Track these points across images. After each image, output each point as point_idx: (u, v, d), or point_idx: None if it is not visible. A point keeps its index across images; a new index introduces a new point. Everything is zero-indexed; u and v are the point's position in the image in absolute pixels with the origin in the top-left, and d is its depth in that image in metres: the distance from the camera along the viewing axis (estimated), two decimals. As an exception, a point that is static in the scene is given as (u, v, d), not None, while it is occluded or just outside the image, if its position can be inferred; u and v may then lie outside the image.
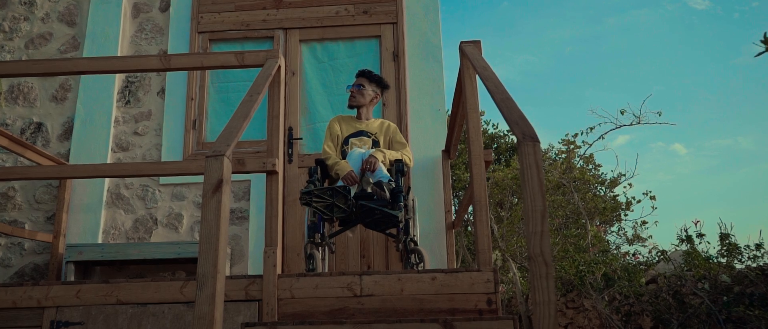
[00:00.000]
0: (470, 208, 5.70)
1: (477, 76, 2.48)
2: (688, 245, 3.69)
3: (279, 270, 2.38)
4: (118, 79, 4.34)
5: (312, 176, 3.03)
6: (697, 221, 3.58)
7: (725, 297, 3.28)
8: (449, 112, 4.11)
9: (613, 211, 5.44)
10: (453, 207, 4.19)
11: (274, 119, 2.44)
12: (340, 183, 3.02)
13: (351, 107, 3.46)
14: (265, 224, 2.37)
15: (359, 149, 3.23)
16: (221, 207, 1.53)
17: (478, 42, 2.54)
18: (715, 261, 3.55)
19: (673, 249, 3.72)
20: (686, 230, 3.72)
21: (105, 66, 2.54)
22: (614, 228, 5.52)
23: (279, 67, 2.47)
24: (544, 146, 7.64)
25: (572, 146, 5.63)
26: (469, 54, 2.40)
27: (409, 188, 3.18)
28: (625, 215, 5.54)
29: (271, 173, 2.39)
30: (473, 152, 2.41)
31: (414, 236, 3.06)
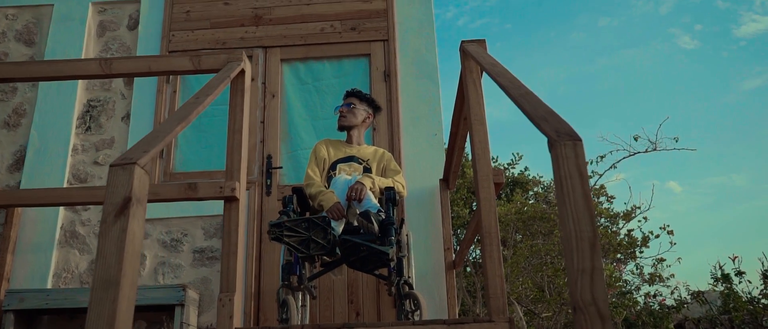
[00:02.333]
0: (474, 244, 5.20)
1: (482, 79, 2.04)
2: (725, 284, 3.20)
3: (239, 323, 1.89)
4: (79, 103, 3.90)
5: (287, 207, 2.55)
6: (735, 257, 3.10)
7: (777, 347, 2.78)
8: (446, 145, 3.67)
9: (627, 248, 4.96)
10: (453, 245, 3.71)
11: (236, 133, 1.99)
12: (322, 215, 2.54)
13: (341, 128, 3.01)
14: (222, 263, 1.89)
15: (346, 176, 2.77)
16: (127, 238, 1.06)
17: (483, 41, 2.12)
18: (759, 302, 3.06)
19: (711, 289, 3.23)
20: (721, 268, 3.24)
21: (32, 72, 2.09)
22: (631, 267, 5.04)
23: (242, 71, 2.03)
24: (549, 176, 7.19)
25: (582, 177, 5.18)
26: (474, 53, 1.97)
27: (402, 220, 2.71)
28: (641, 252, 5.06)
29: (230, 200, 1.92)
30: (480, 172, 1.96)
31: (408, 277, 2.57)
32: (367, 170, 2.87)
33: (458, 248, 3.84)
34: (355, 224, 2.51)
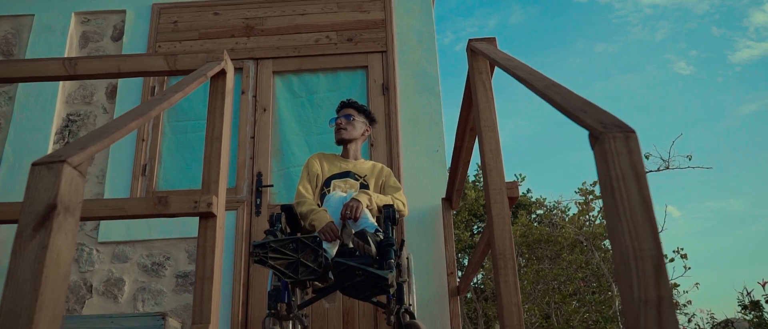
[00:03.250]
0: (479, 268, 4.92)
1: (493, 79, 1.81)
2: (753, 312, 2.93)
3: (214, 358, 1.62)
4: (58, 117, 3.67)
5: (273, 226, 2.30)
6: (765, 283, 2.84)
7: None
8: (449, 163, 3.44)
9: (639, 272, 4.69)
10: (457, 269, 3.44)
11: (215, 141, 1.75)
12: (313, 234, 2.29)
13: (339, 141, 2.76)
14: (195, 290, 1.64)
15: (341, 193, 2.52)
16: (47, 257, 0.81)
17: (493, 39, 1.90)
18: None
19: (741, 317, 2.96)
20: (749, 294, 2.97)
21: (-13, 73, 1.86)
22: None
23: (223, 71, 1.80)
24: (552, 198, 6.95)
25: (591, 196, 4.95)
26: (484, 50, 1.75)
27: (402, 241, 2.46)
28: (653, 277, 4.77)
29: (206, 216, 1.67)
30: (492, 184, 1.71)
31: (409, 305, 2.30)
32: (364, 186, 2.63)
33: (462, 272, 3.57)
34: (351, 245, 2.26)
